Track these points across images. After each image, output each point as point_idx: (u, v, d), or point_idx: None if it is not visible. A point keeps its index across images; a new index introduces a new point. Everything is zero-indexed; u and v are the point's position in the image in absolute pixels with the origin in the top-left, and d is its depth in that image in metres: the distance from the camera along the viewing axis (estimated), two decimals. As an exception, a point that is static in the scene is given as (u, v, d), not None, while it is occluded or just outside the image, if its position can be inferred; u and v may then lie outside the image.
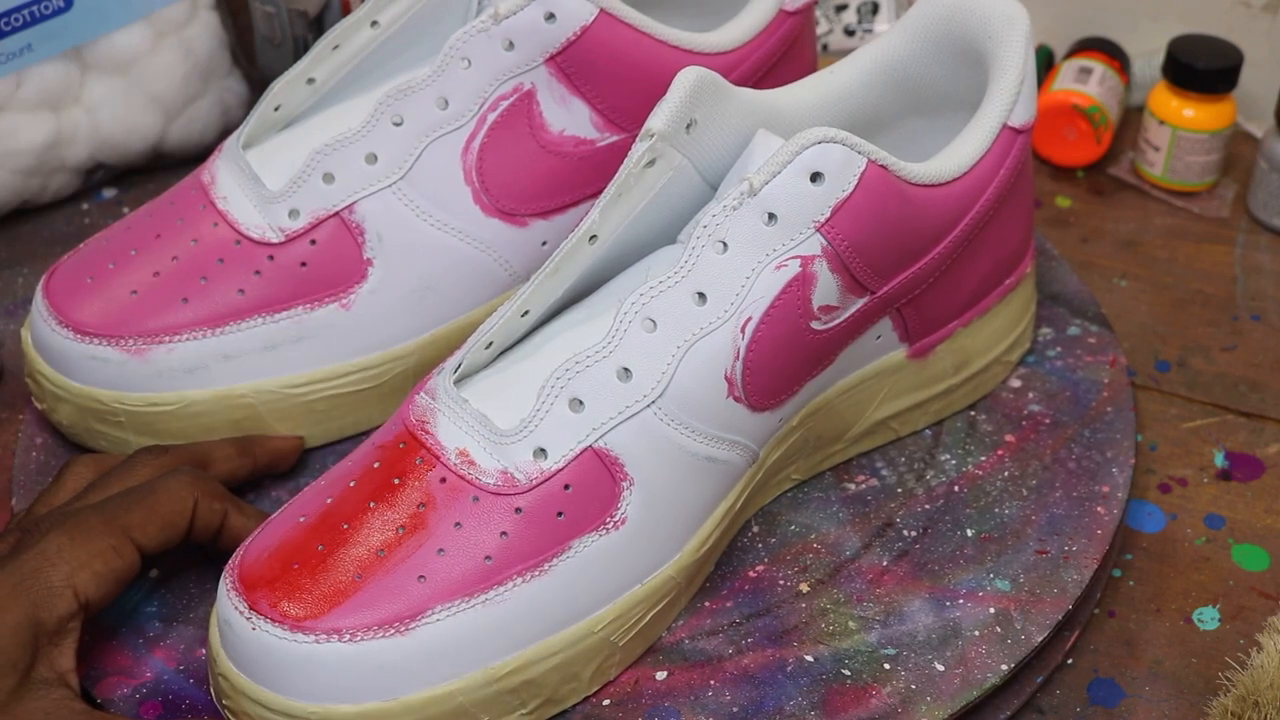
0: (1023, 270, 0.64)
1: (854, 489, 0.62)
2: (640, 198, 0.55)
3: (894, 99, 0.64)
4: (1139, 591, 0.61)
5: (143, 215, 0.64)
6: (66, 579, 0.50)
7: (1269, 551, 0.63)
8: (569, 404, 0.51)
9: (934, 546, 0.59)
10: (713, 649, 0.55)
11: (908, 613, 0.56)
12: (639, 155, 0.54)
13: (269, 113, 0.64)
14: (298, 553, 0.50)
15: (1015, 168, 0.60)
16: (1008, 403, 0.65)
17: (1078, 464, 0.62)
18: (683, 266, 0.52)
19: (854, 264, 0.54)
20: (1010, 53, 0.60)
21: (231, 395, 0.61)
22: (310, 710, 0.48)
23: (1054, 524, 0.60)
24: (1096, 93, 0.81)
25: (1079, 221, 0.80)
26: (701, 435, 0.53)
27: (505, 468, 0.51)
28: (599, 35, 0.61)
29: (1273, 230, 0.79)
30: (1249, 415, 0.69)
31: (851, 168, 0.53)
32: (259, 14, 0.81)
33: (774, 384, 0.54)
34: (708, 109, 0.55)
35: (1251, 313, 0.75)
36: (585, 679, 0.52)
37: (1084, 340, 0.68)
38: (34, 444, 0.64)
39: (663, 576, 0.53)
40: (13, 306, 0.72)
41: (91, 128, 0.76)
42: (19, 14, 0.71)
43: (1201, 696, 0.57)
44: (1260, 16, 0.84)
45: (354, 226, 0.61)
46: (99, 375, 0.61)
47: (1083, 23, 0.88)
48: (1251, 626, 0.60)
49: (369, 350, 0.63)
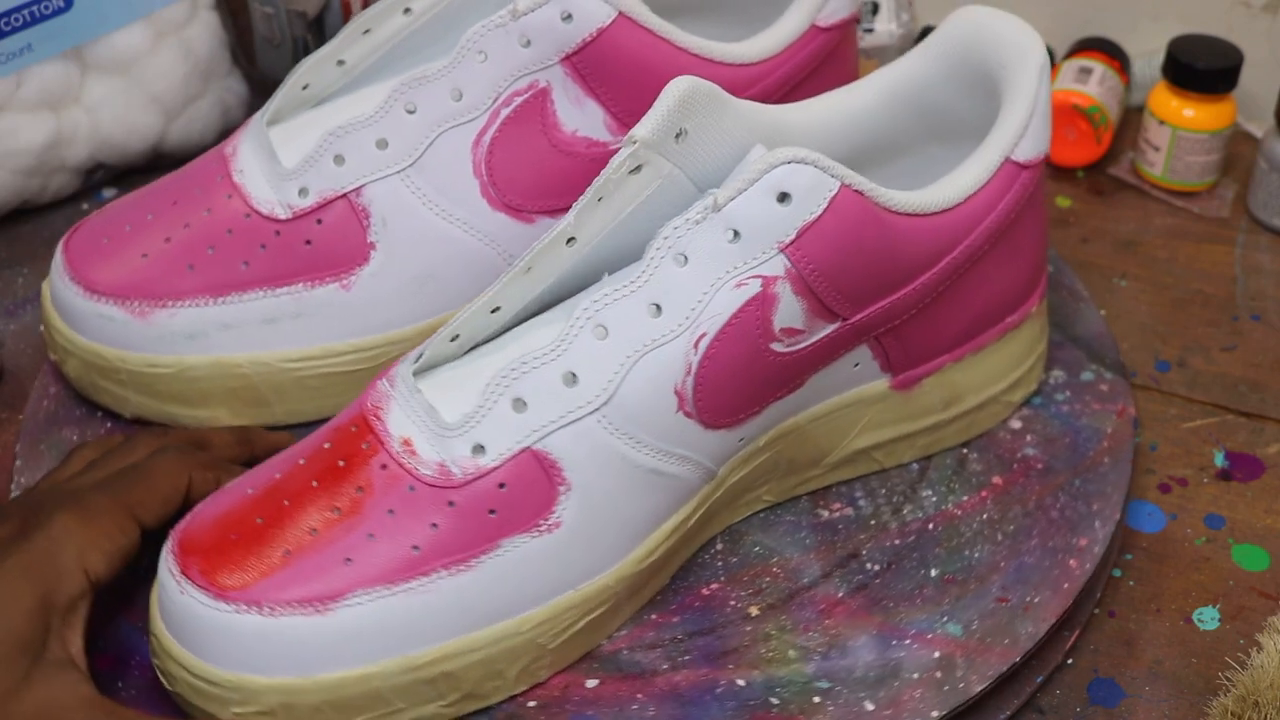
0: (1027, 309, 0.63)
1: (826, 516, 0.62)
2: (625, 204, 0.56)
3: (912, 124, 0.63)
4: (1139, 591, 0.62)
5: (166, 181, 0.67)
6: (77, 559, 0.52)
7: (1269, 551, 0.63)
8: (512, 404, 0.52)
9: (894, 583, 0.59)
10: (648, 662, 0.56)
11: (851, 647, 0.56)
12: (620, 161, 0.54)
13: (297, 90, 0.66)
14: (237, 524, 0.52)
15: (1016, 204, 0.59)
16: (1003, 443, 0.65)
17: (1060, 514, 0.61)
18: (640, 276, 0.53)
19: (821, 288, 0.54)
20: (1022, 85, 0.59)
21: (228, 364, 0.64)
22: (225, 677, 0.50)
23: (1022, 573, 0.59)
24: (1096, 93, 0.82)
25: (1079, 221, 0.81)
26: (647, 447, 0.53)
27: (443, 460, 0.52)
28: (616, 38, 0.62)
29: (1273, 230, 0.80)
30: (1249, 415, 0.69)
31: (822, 190, 0.53)
32: (258, 14, 0.83)
33: (730, 403, 0.54)
34: (701, 119, 0.55)
35: (1251, 313, 0.75)
36: (510, 677, 0.54)
37: (1095, 387, 0.67)
38: (47, 394, 0.67)
39: (599, 584, 0.54)
40: (13, 306, 0.73)
41: (91, 128, 0.77)
42: (19, 14, 0.72)
43: (1201, 696, 0.58)
44: (1260, 16, 0.85)
45: (360, 209, 0.63)
46: (104, 333, 0.64)
47: (1083, 23, 0.89)
48: (1251, 626, 0.60)
49: (366, 332, 0.65)
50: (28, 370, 0.70)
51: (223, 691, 0.51)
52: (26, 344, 0.71)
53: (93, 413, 0.66)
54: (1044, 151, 0.60)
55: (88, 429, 0.65)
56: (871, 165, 0.64)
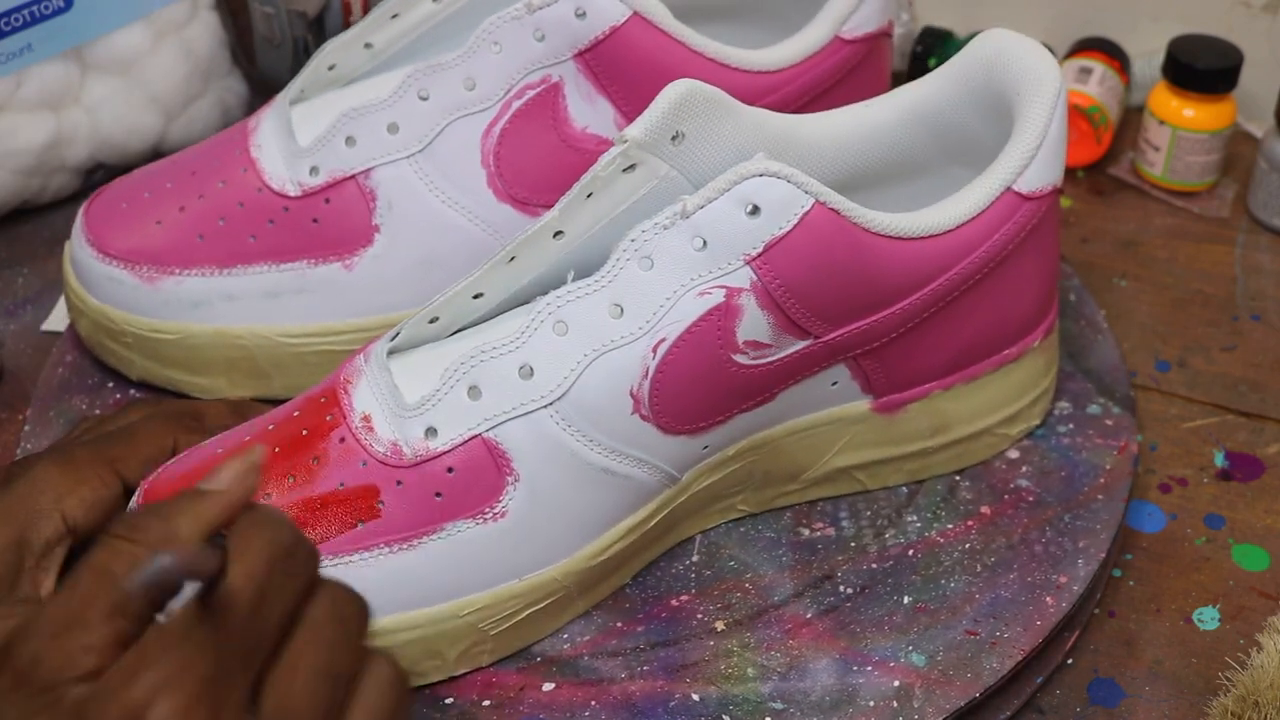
0: (1028, 343, 0.63)
1: (807, 535, 0.63)
2: (617, 202, 0.57)
3: (932, 145, 0.64)
4: (1139, 591, 0.63)
5: (189, 152, 0.70)
6: (54, 503, 0.55)
7: (1269, 551, 0.65)
8: (467, 390, 0.54)
9: (865, 608, 0.60)
10: (606, 670, 0.57)
11: (811, 670, 0.57)
12: (610, 158, 0.56)
13: (323, 70, 0.69)
14: (199, 480, 0.54)
15: (1014, 235, 0.59)
16: (997, 473, 0.65)
17: (1044, 549, 0.62)
18: (604, 276, 0.54)
19: (788, 304, 0.55)
20: (1033, 113, 0.60)
21: (229, 334, 0.67)
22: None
23: (995, 607, 0.59)
24: (1096, 93, 0.84)
25: (1079, 221, 0.82)
26: (599, 446, 0.55)
27: (397, 440, 0.54)
28: (629, 37, 0.64)
29: (1273, 230, 0.82)
30: (1249, 415, 0.70)
31: (794, 206, 0.54)
32: (258, 14, 0.85)
33: (689, 409, 0.56)
34: (700, 123, 0.57)
35: (1251, 313, 0.76)
36: (450, 659, 0.55)
37: (1100, 421, 0.67)
38: (63, 361, 0.71)
39: (546, 577, 0.56)
40: (13, 306, 0.75)
41: (91, 128, 0.79)
42: (19, 14, 0.73)
43: (1201, 696, 0.59)
44: (1260, 16, 0.86)
45: (368, 191, 0.66)
46: (113, 295, 0.67)
47: (1083, 23, 0.91)
48: (1251, 626, 0.61)
49: (366, 313, 0.67)
50: (28, 370, 0.72)
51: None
52: (26, 344, 0.73)
53: (104, 383, 0.69)
54: (1053, 183, 0.60)
55: (97, 399, 0.69)
56: (889, 183, 0.65)
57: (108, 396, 0.69)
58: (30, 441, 0.66)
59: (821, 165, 0.61)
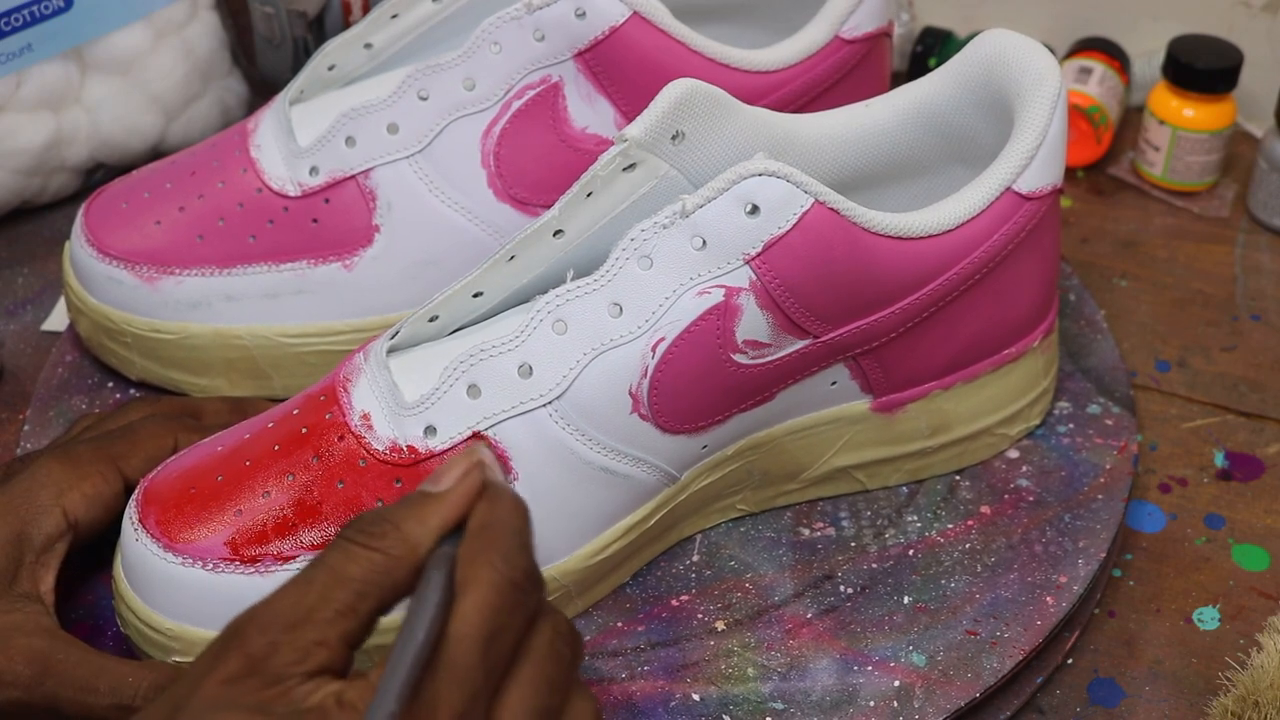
0: (1028, 343, 0.66)
1: (807, 535, 0.66)
2: (617, 201, 0.60)
3: (933, 145, 0.67)
4: (1139, 591, 0.66)
5: (188, 152, 0.73)
6: (55, 498, 0.58)
7: (1269, 551, 0.67)
8: (466, 389, 0.57)
9: (865, 607, 0.63)
10: (607, 670, 0.60)
11: (811, 670, 0.60)
12: (610, 157, 0.59)
13: (323, 70, 0.73)
14: (199, 478, 0.58)
15: (1014, 235, 0.62)
16: (997, 472, 0.68)
17: (1044, 549, 0.65)
18: (603, 275, 0.57)
19: (788, 304, 0.58)
20: (1033, 114, 0.63)
21: (229, 334, 0.70)
22: (168, 626, 0.56)
23: (996, 606, 0.62)
24: (1096, 93, 0.87)
25: (1079, 221, 0.86)
26: (598, 445, 0.58)
27: (396, 439, 0.57)
28: (629, 37, 0.67)
29: (1273, 230, 0.85)
30: (1249, 415, 0.74)
31: (793, 205, 0.57)
32: (258, 14, 0.88)
33: (689, 409, 0.59)
34: (700, 123, 0.60)
35: (1251, 313, 0.80)
36: (449, 658, 0.59)
37: (1100, 421, 0.70)
38: (63, 360, 0.74)
39: (544, 576, 0.59)
40: (13, 306, 0.78)
41: (91, 128, 0.81)
42: (19, 14, 0.76)
43: (1201, 696, 0.62)
44: (1260, 16, 0.89)
45: (367, 192, 0.69)
46: (113, 295, 0.70)
47: (1083, 23, 0.94)
48: (1251, 626, 0.64)
49: (365, 314, 0.70)
50: (28, 370, 0.75)
51: (165, 639, 0.57)
52: (26, 344, 0.76)
53: (103, 383, 0.73)
54: (1053, 183, 0.63)
55: (97, 399, 0.72)
56: (891, 183, 0.68)
57: (107, 396, 0.72)
58: (30, 441, 0.70)
59: (821, 165, 0.64)
